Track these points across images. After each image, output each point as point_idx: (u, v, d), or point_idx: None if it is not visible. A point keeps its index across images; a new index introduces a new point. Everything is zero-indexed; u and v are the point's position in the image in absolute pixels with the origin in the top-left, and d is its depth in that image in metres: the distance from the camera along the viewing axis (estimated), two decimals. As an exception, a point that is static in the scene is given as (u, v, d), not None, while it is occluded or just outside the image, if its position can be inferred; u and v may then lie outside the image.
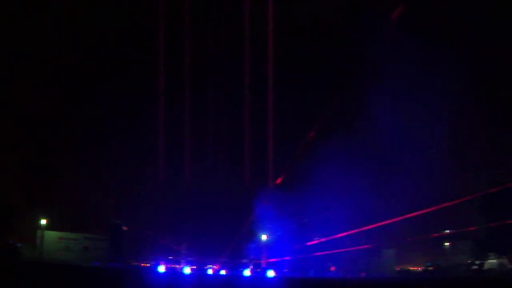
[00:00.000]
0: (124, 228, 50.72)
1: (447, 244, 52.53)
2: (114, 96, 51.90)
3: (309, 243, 50.23)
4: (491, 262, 49.40)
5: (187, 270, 41.86)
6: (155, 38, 52.13)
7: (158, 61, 52.78)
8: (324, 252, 48.86)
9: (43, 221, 49.67)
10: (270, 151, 51.28)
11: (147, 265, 48.32)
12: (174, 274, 41.07)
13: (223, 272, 44.86)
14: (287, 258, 49.38)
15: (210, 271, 44.79)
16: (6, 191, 48.25)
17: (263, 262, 49.80)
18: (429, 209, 45.89)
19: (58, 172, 51.47)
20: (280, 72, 51.46)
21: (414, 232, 49.76)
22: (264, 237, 50.36)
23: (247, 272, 42.89)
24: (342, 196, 46.98)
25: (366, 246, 49.40)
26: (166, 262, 46.35)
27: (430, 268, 51.45)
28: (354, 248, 49.05)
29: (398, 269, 52.53)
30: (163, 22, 52.29)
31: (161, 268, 40.98)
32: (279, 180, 50.07)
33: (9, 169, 49.45)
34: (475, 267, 49.58)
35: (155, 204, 51.01)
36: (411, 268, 53.10)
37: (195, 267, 46.85)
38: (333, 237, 48.12)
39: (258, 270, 45.92)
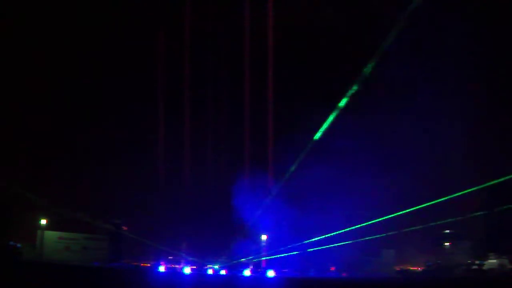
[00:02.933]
0: (124, 228, 50.72)
1: (447, 244, 52.52)
2: (114, 98, 52.01)
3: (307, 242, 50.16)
4: (491, 262, 49.36)
5: (187, 270, 41.87)
6: (156, 37, 52.32)
7: (158, 63, 52.94)
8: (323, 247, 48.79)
9: (43, 221, 49.68)
10: (270, 151, 51.37)
11: (147, 265, 48.35)
12: (174, 274, 41.07)
13: (223, 272, 44.89)
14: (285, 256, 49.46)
15: (210, 271, 44.81)
16: (6, 191, 48.22)
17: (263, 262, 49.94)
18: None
19: (58, 172, 51.50)
20: (280, 71, 51.60)
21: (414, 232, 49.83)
22: (264, 237, 50.45)
23: (247, 272, 42.90)
24: (342, 193, 47.04)
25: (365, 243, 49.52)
26: (166, 262, 46.39)
27: (431, 268, 51.43)
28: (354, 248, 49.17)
29: (398, 269, 52.50)
30: (164, 22, 52.46)
31: (161, 268, 40.99)
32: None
33: (9, 169, 49.46)
34: (475, 267, 49.54)
35: (155, 204, 51.05)
36: (411, 268, 53.07)
37: (195, 267, 46.88)
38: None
39: (259, 270, 45.94)
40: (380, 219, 45.78)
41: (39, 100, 51.42)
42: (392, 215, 45.48)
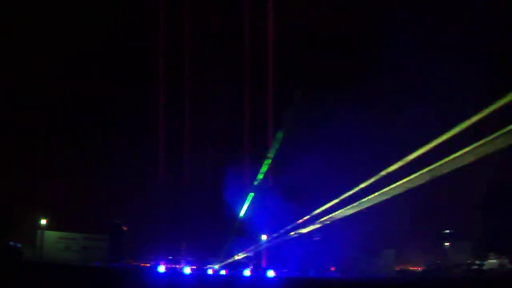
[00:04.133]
0: (124, 228, 50.72)
1: (447, 244, 52.49)
2: (114, 96, 51.98)
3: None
4: (491, 262, 49.32)
5: (187, 270, 41.86)
6: (155, 37, 52.37)
7: (158, 62, 52.94)
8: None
9: (43, 221, 49.69)
10: (269, 150, 51.40)
11: (147, 265, 48.35)
12: (174, 274, 41.08)
13: (223, 272, 44.91)
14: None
15: (210, 271, 44.82)
16: (6, 191, 48.26)
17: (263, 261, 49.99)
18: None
19: (58, 172, 51.48)
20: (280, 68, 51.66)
21: (414, 232, 49.84)
22: (264, 237, 50.50)
23: (247, 272, 42.91)
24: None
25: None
26: (166, 262, 46.39)
27: (431, 268, 51.39)
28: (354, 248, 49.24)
29: (398, 269, 52.47)
30: (164, 22, 52.53)
31: (161, 268, 40.98)
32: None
33: (9, 169, 49.45)
34: (475, 267, 49.51)
35: (155, 204, 51.04)
36: (411, 268, 53.04)
37: (195, 267, 46.89)
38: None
39: (259, 270, 45.94)
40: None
41: (38, 98, 51.47)
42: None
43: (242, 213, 50.07)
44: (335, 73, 50.32)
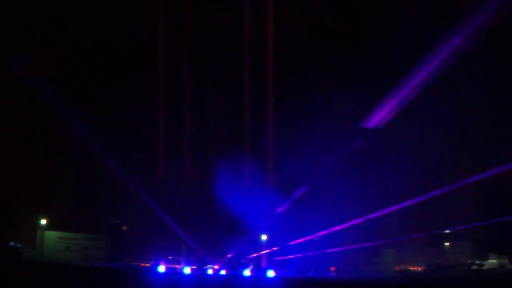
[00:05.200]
0: (124, 228, 50.75)
1: (447, 244, 52.53)
2: (113, 96, 51.98)
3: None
4: (491, 262, 49.38)
5: (187, 270, 41.87)
6: (155, 37, 52.35)
7: (158, 62, 52.93)
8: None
9: (43, 221, 49.73)
10: (270, 150, 51.43)
11: (147, 265, 48.39)
12: (174, 274, 41.07)
13: (223, 272, 44.91)
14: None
15: (210, 271, 44.83)
16: (6, 191, 48.28)
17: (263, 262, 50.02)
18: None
19: (58, 172, 51.50)
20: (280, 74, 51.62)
21: (414, 232, 49.85)
22: (264, 237, 50.54)
23: (247, 272, 42.91)
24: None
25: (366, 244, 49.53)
26: (166, 262, 46.40)
27: (431, 268, 51.45)
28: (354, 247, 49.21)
29: (398, 269, 52.51)
30: (163, 23, 52.53)
31: (161, 268, 40.99)
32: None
33: (9, 169, 49.44)
34: (475, 267, 49.56)
35: (155, 204, 51.04)
36: (411, 268, 53.09)
37: (195, 267, 46.91)
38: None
39: (259, 270, 45.95)
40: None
41: (37, 98, 51.42)
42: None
43: (242, 213, 50.06)
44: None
